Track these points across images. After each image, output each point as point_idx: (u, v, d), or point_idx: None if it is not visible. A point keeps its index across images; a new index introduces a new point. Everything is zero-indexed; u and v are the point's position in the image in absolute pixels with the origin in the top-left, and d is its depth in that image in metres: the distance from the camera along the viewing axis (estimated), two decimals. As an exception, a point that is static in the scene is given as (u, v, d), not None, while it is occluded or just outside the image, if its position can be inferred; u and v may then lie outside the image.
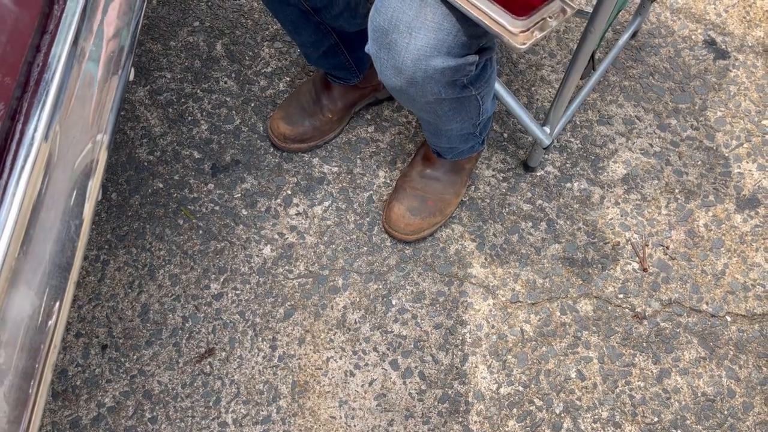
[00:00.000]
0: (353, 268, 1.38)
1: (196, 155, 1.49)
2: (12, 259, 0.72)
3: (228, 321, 1.33)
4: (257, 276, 1.37)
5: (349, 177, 1.47)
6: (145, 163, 1.48)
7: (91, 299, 1.35)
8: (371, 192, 1.46)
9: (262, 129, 1.52)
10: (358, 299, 1.36)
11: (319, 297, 1.36)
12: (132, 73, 0.97)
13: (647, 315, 1.35)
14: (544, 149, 1.40)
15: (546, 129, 1.36)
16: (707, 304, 1.37)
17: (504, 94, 1.32)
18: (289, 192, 1.45)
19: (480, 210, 1.44)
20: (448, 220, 1.42)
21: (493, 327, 1.34)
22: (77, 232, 0.83)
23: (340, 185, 1.46)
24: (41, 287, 0.77)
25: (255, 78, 1.58)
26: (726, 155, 1.51)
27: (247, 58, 1.61)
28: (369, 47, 0.98)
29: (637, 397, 1.29)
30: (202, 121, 1.53)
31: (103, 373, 1.28)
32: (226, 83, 1.57)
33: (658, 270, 1.39)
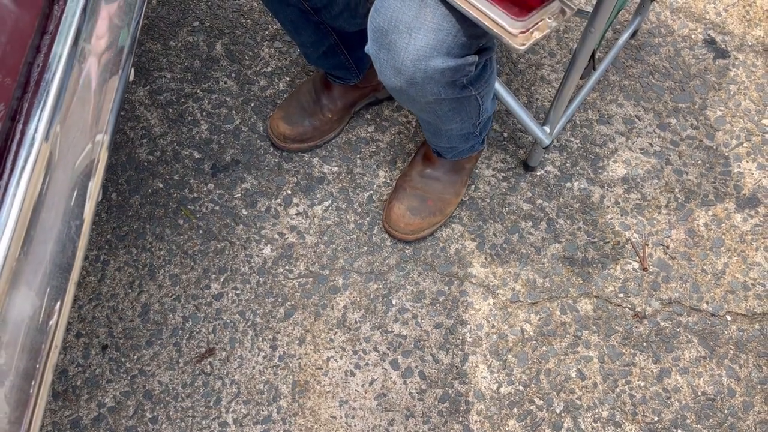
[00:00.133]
0: (353, 267, 1.38)
1: (196, 155, 1.49)
2: (13, 260, 0.72)
3: (228, 321, 1.33)
4: (257, 276, 1.37)
5: (349, 177, 1.47)
6: (145, 163, 1.48)
7: (92, 299, 1.35)
8: (371, 192, 1.46)
9: (262, 129, 1.52)
10: (358, 299, 1.36)
11: (320, 297, 1.36)
12: (132, 73, 0.97)
13: (647, 314, 1.35)
14: (544, 149, 1.40)
15: (546, 128, 1.36)
16: (707, 303, 1.37)
17: (504, 93, 1.32)
18: (289, 192, 1.45)
19: (480, 209, 1.44)
20: (448, 219, 1.42)
21: (494, 326, 1.34)
22: (78, 232, 0.83)
23: (340, 185, 1.46)
24: (42, 288, 0.77)
25: (255, 78, 1.58)
26: (726, 154, 1.51)
27: (247, 57, 1.61)
28: (369, 48, 0.98)
29: (638, 397, 1.29)
30: (202, 121, 1.53)
31: (104, 373, 1.29)
32: (226, 83, 1.57)
33: (658, 269, 1.39)
